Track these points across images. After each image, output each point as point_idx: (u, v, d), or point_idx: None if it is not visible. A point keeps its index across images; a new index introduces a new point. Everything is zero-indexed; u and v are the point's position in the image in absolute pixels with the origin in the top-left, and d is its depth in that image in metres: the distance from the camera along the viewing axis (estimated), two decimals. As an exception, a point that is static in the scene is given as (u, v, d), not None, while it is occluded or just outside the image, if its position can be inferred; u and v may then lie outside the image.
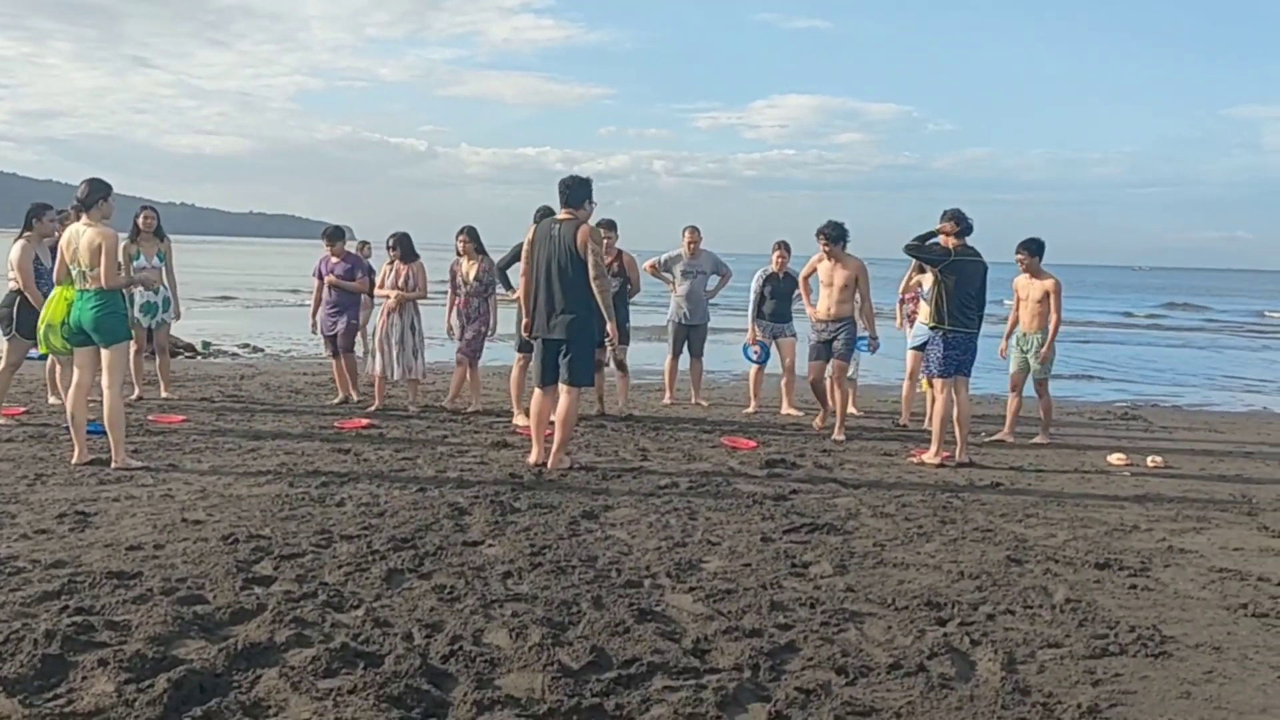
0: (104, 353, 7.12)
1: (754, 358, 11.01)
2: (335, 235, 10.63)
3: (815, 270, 9.74)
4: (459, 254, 10.26)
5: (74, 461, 7.16)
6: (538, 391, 7.76)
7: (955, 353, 8.42)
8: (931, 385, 8.89)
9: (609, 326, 7.70)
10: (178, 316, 10.82)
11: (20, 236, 8.79)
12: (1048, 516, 6.72)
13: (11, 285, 8.72)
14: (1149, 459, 8.90)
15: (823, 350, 9.60)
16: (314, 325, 10.80)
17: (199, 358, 15.29)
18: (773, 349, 10.98)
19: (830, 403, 9.84)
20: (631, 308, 10.58)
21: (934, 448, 8.52)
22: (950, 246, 8.40)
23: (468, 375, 10.38)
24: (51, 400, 9.68)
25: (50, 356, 9.29)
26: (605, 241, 9.67)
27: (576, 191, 7.58)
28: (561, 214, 7.62)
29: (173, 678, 3.49)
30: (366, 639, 4.03)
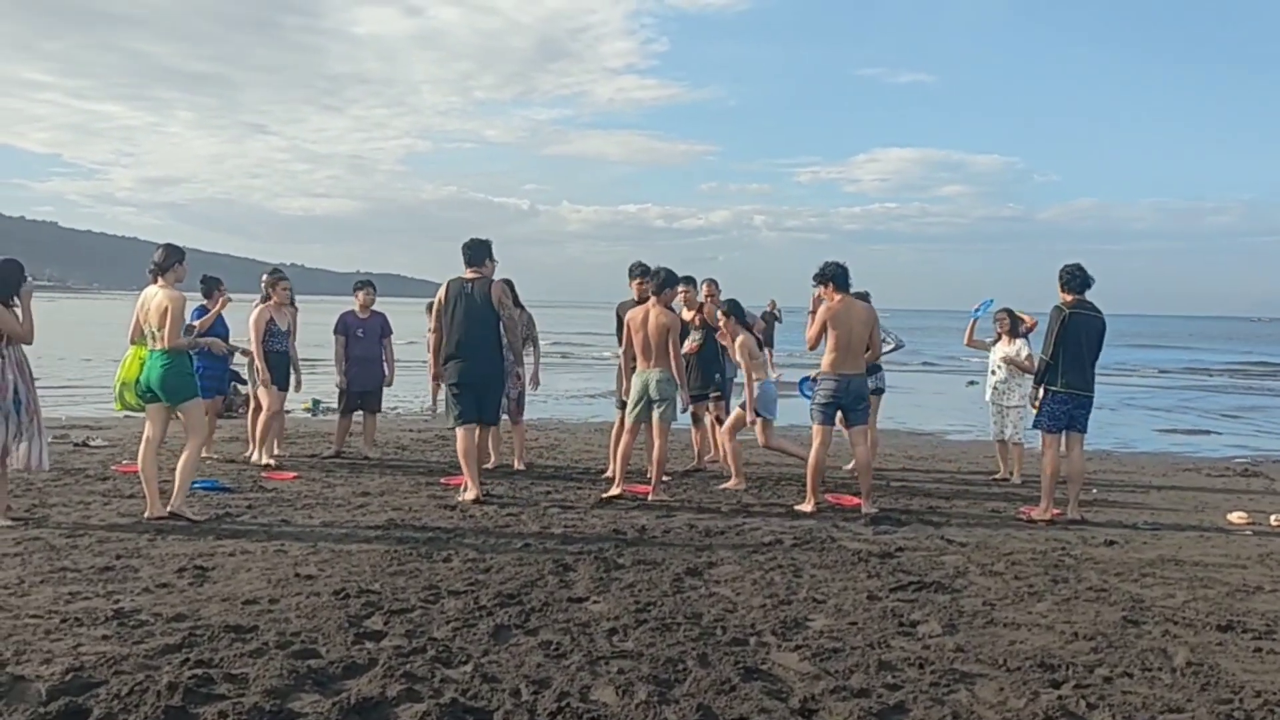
0: (180, 411, 7.36)
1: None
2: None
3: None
4: None
5: (146, 516, 7.29)
6: (461, 430, 8.51)
7: (1065, 408, 8.23)
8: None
9: (519, 370, 9.66)
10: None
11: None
12: (1165, 576, 6.51)
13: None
14: (1272, 517, 8.58)
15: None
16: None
17: (312, 416, 15.68)
18: None
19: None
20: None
21: (1044, 504, 8.33)
22: (1064, 302, 8.28)
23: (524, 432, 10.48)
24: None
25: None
26: (684, 296, 9.66)
27: (478, 251, 8.67)
28: (468, 273, 8.61)
29: (289, 730, 3.57)
30: (475, 694, 4.07)
